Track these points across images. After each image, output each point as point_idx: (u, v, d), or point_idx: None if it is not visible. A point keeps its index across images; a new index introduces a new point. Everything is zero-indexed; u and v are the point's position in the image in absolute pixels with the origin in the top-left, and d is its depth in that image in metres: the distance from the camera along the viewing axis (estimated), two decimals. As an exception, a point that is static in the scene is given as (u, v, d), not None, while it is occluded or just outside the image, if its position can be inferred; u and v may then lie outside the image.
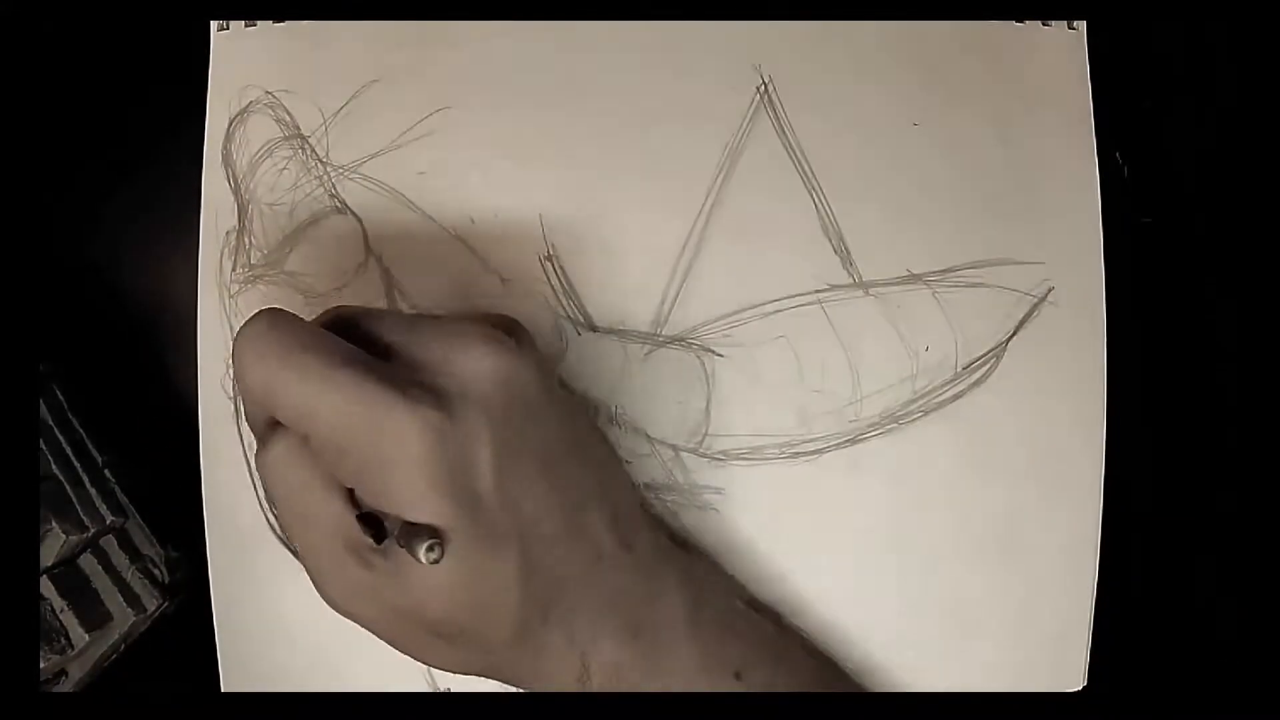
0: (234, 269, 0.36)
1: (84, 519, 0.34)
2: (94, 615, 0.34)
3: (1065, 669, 0.36)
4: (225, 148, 0.36)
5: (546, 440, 0.27)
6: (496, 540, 0.25)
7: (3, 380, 0.28)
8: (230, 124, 0.36)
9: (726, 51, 0.36)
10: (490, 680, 0.29)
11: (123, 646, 0.35)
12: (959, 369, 0.35)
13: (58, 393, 0.36)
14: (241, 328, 0.25)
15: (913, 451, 0.35)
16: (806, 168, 0.35)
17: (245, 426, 0.36)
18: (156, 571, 0.37)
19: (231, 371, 0.35)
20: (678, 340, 0.35)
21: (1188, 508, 0.38)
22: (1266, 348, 0.38)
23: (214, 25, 0.36)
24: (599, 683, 0.27)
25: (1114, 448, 0.36)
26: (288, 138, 0.36)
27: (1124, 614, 0.36)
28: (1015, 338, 0.36)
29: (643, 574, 0.29)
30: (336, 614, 0.27)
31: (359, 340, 0.26)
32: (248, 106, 0.36)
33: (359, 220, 0.36)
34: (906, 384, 0.35)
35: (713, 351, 0.35)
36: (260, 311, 0.25)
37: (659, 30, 0.36)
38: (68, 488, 0.34)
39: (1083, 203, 0.36)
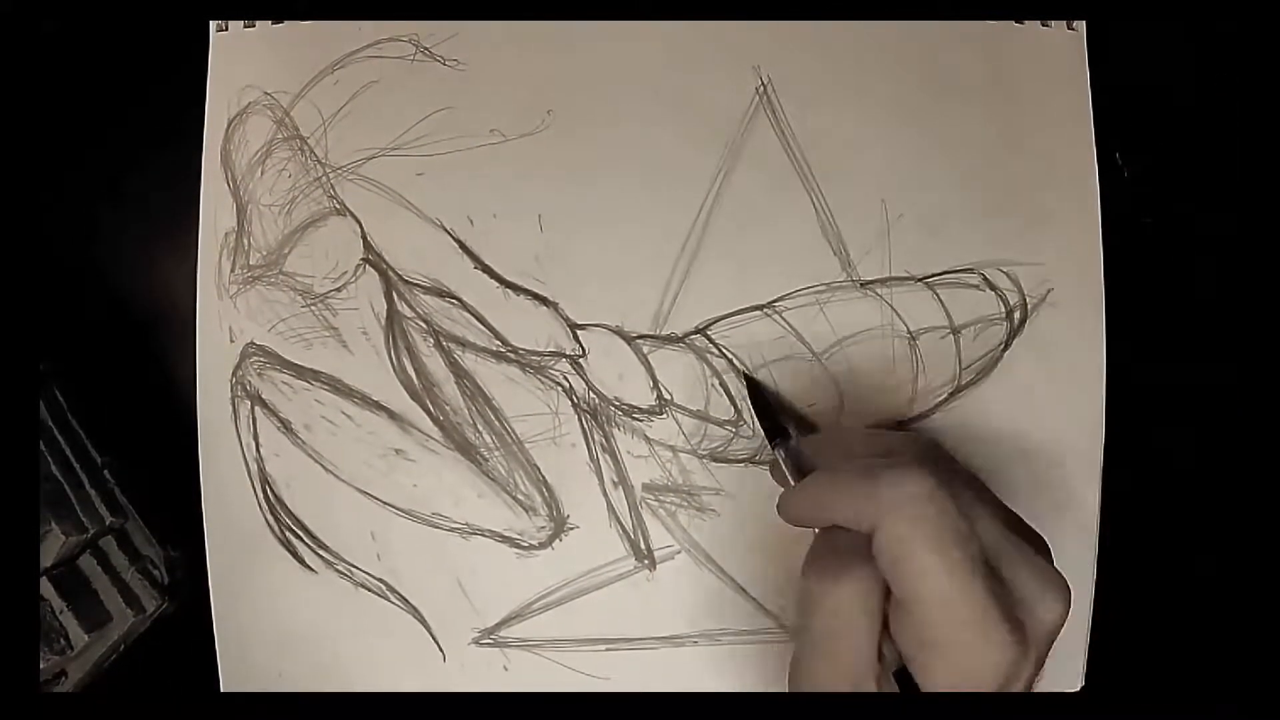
0: (233, 269, 0.36)
1: (84, 520, 0.34)
2: (94, 616, 0.34)
3: (1065, 669, 0.36)
4: (225, 148, 0.36)
5: None
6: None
7: (3, 380, 0.28)
8: (230, 124, 0.36)
9: (726, 51, 0.36)
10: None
11: (122, 647, 0.35)
12: (959, 369, 0.35)
13: (58, 393, 0.36)
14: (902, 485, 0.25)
15: (912, 452, 0.35)
16: (806, 168, 0.35)
17: (244, 427, 0.36)
18: (156, 572, 0.37)
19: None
20: (678, 340, 0.35)
21: (1187, 507, 0.38)
22: (1266, 348, 0.38)
23: (214, 25, 0.36)
24: None
25: (1114, 448, 0.36)
26: (287, 138, 0.36)
27: (1124, 614, 0.36)
28: (1015, 338, 0.36)
29: None
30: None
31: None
32: (247, 107, 0.36)
33: (358, 221, 0.36)
34: (906, 384, 0.35)
35: (713, 351, 0.35)
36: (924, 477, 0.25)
37: (659, 30, 0.36)
38: (67, 489, 0.34)
39: (1083, 203, 0.36)
